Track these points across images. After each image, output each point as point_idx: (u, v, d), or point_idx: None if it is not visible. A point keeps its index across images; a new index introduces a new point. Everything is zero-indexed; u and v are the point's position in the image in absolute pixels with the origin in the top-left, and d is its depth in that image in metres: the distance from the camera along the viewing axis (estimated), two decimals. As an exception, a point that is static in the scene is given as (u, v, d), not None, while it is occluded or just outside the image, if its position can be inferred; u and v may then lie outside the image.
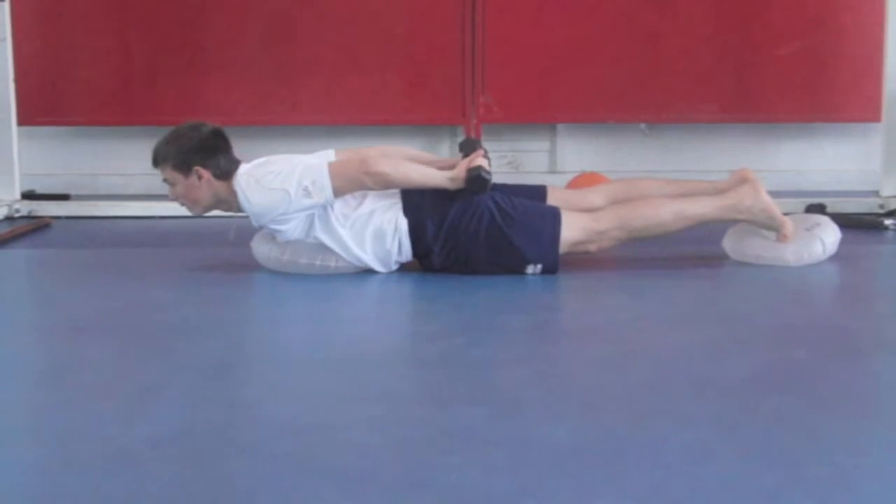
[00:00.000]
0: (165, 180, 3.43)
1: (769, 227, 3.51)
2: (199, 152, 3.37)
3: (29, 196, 5.11)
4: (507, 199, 3.41)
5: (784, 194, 4.64)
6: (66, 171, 5.54)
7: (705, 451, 1.82)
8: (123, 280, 3.45)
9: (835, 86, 5.42)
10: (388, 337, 2.84)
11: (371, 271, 3.42)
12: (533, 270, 3.37)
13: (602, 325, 2.86)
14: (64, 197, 5.22)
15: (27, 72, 5.10)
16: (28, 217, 4.89)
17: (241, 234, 3.61)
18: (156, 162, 3.41)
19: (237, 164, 3.42)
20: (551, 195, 3.56)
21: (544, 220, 3.37)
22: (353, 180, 3.31)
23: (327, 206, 3.33)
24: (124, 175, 5.53)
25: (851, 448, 1.85)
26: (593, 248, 3.44)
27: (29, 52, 5.16)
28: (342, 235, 3.36)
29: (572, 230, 3.38)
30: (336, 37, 5.35)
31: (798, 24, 5.39)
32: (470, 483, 1.68)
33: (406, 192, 3.42)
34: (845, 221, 3.89)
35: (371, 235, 3.38)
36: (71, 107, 5.40)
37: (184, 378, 2.32)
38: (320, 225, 3.36)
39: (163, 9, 5.35)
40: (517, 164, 5.65)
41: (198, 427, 1.97)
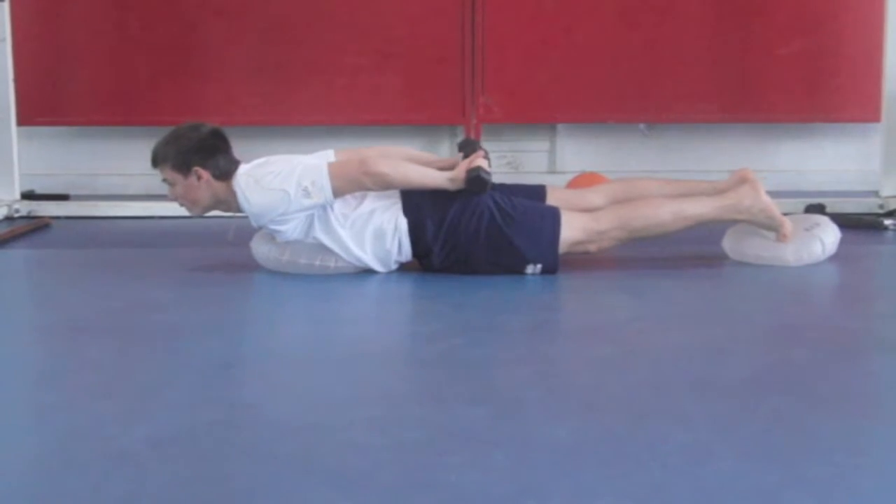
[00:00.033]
0: (165, 181, 3.44)
1: (769, 227, 3.51)
2: (199, 153, 3.38)
3: (28, 196, 5.11)
4: (507, 198, 3.41)
5: (784, 194, 4.65)
6: (66, 172, 5.54)
7: (705, 451, 1.82)
8: (123, 280, 3.45)
9: (835, 86, 5.43)
10: (387, 337, 2.84)
11: (371, 271, 3.42)
12: (533, 270, 3.37)
13: (602, 325, 2.86)
14: (63, 197, 5.22)
15: (27, 72, 5.10)
16: (28, 217, 4.89)
17: (240, 234, 3.61)
18: (155, 162, 3.41)
19: (236, 164, 3.42)
20: (551, 195, 3.56)
21: (544, 220, 3.37)
22: (353, 181, 3.31)
23: (327, 206, 3.33)
24: (124, 175, 5.54)
25: (851, 448, 1.85)
26: (593, 248, 3.44)
27: (29, 52, 5.16)
28: (342, 235, 3.36)
29: (572, 230, 3.38)
30: (336, 37, 5.35)
31: (798, 24, 5.39)
32: (470, 483, 1.68)
33: (406, 192, 3.42)
34: (845, 221, 3.89)
35: (371, 235, 3.38)
36: (70, 107, 5.41)
37: (184, 378, 2.32)
38: (320, 225, 3.36)
39: (162, 9, 5.35)
40: (517, 164, 5.65)
41: (198, 427, 1.97)
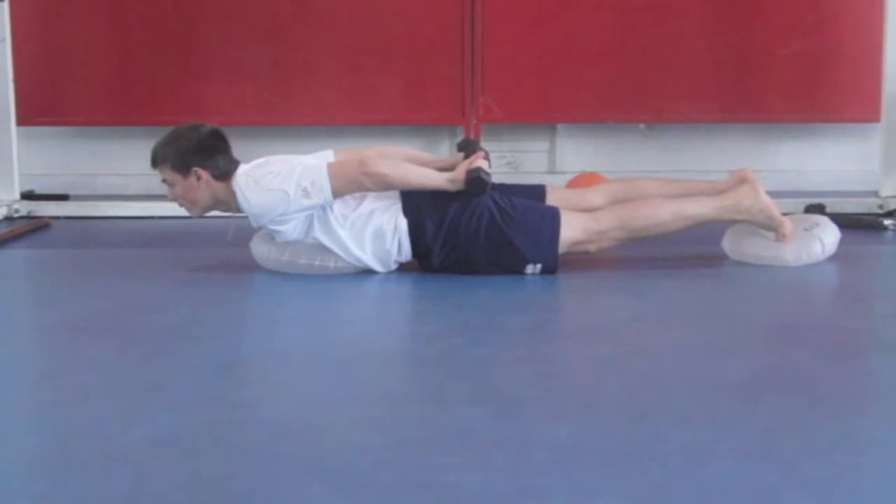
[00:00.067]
0: (164, 181, 3.43)
1: (768, 227, 3.51)
2: (198, 153, 3.37)
3: (28, 196, 5.11)
4: (507, 198, 3.41)
5: (783, 194, 4.65)
6: (66, 172, 5.54)
7: (705, 451, 1.82)
8: (123, 280, 3.45)
9: (834, 86, 5.42)
10: (387, 337, 2.84)
11: (370, 271, 3.42)
12: (532, 270, 3.37)
13: (602, 325, 2.86)
14: (63, 197, 5.22)
15: (26, 72, 5.10)
16: (27, 217, 4.88)
17: (240, 234, 3.61)
18: (154, 163, 3.41)
19: (236, 164, 3.42)
20: (550, 195, 3.56)
21: (544, 220, 3.37)
22: (352, 181, 3.31)
23: (326, 206, 3.33)
24: (123, 175, 5.53)
25: (851, 448, 1.85)
26: (593, 247, 3.44)
27: (28, 52, 5.16)
28: (341, 236, 3.36)
29: (572, 230, 3.38)
30: (336, 37, 5.35)
31: (798, 24, 5.39)
32: (470, 483, 1.68)
33: (406, 193, 3.41)
34: (844, 221, 3.89)
35: (371, 235, 3.38)
36: (70, 107, 5.40)
37: (184, 378, 2.32)
38: (319, 225, 3.36)
39: (162, 9, 5.35)
40: (516, 164, 5.65)
41: (198, 427, 1.97)
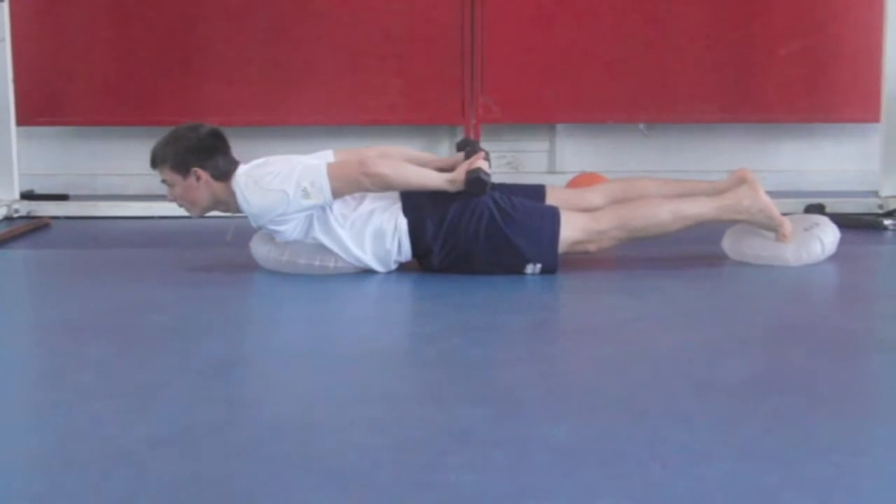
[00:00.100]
0: (164, 181, 3.43)
1: (768, 227, 3.51)
2: (198, 153, 3.37)
3: (28, 196, 5.11)
4: (507, 198, 3.41)
5: (783, 194, 4.64)
6: (65, 172, 5.54)
7: (705, 451, 1.82)
8: (123, 280, 3.45)
9: (834, 86, 5.42)
10: (387, 337, 2.84)
11: (370, 271, 3.42)
12: (532, 270, 3.37)
13: (602, 325, 2.86)
14: (63, 197, 5.22)
15: (26, 72, 5.10)
16: (27, 217, 4.88)
17: (239, 234, 3.61)
18: (154, 163, 3.41)
19: (236, 164, 3.41)
20: (550, 195, 3.56)
21: (544, 220, 3.37)
22: (352, 182, 3.31)
23: (326, 207, 3.33)
24: (123, 175, 5.53)
25: (851, 448, 1.85)
26: (593, 247, 3.44)
27: (28, 52, 5.15)
28: (341, 236, 3.36)
29: (572, 230, 3.38)
30: (336, 37, 5.35)
31: (798, 24, 5.39)
32: (469, 483, 1.68)
33: (406, 192, 3.41)
34: (844, 221, 3.89)
35: (371, 235, 3.38)
36: (70, 107, 5.40)
37: (183, 378, 2.32)
38: (319, 226, 3.36)
39: (162, 9, 5.35)
40: (516, 164, 5.64)
41: (197, 427, 1.97)
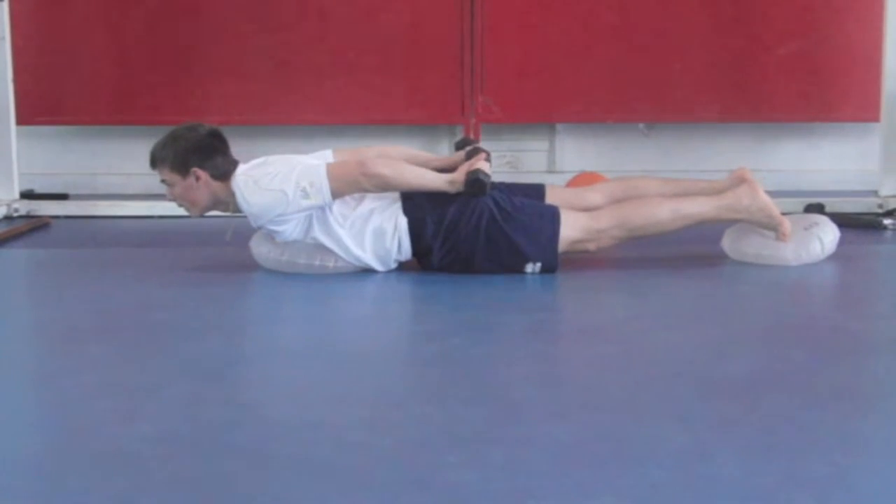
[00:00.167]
0: (163, 181, 3.43)
1: (767, 226, 3.51)
2: (197, 153, 3.37)
3: (28, 195, 5.11)
4: (507, 197, 3.41)
5: (783, 194, 4.65)
6: (65, 171, 5.54)
7: (705, 451, 1.82)
8: (123, 279, 3.45)
9: (834, 86, 5.43)
10: (387, 336, 2.84)
11: (370, 271, 3.42)
12: (532, 269, 3.37)
13: (602, 324, 2.86)
14: (63, 196, 5.22)
15: (26, 71, 5.10)
16: (27, 217, 4.88)
17: (239, 234, 3.60)
18: (153, 163, 3.41)
19: (235, 164, 3.41)
20: (550, 194, 3.56)
21: (543, 219, 3.37)
22: (351, 182, 3.30)
23: (325, 207, 3.33)
24: (123, 174, 5.54)
25: (851, 447, 1.85)
26: (592, 246, 3.44)
27: (28, 51, 5.16)
28: (341, 235, 3.36)
29: (571, 229, 3.38)
30: (335, 37, 5.35)
31: (798, 24, 5.39)
32: (469, 483, 1.68)
33: (406, 192, 3.41)
34: (844, 221, 3.90)
35: (371, 234, 3.37)
36: (70, 106, 5.40)
37: (183, 377, 2.32)
38: (319, 225, 3.36)
39: (162, 8, 5.35)
40: (516, 163, 5.65)
41: (197, 426, 1.97)
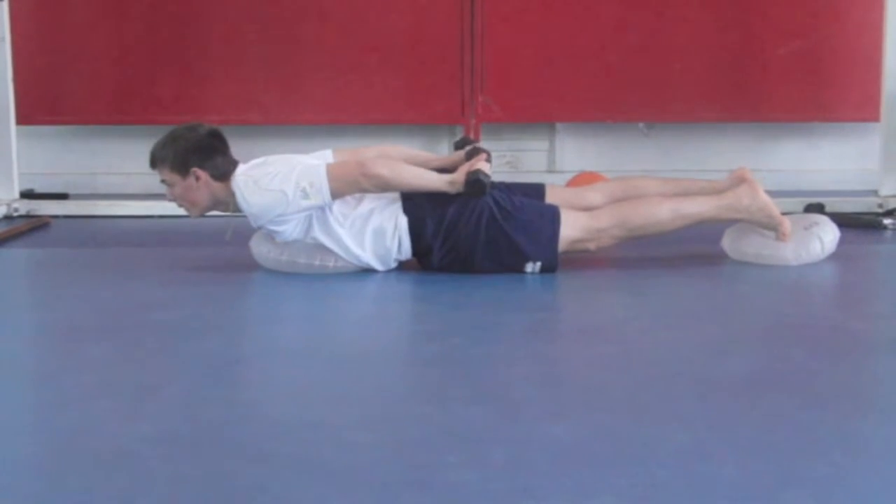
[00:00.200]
0: (163, 182, 3.43)
1: (767, 226, 3.51)
2: (197, 153, 3.37)
3: (28, 195, 5.11)
4: (507, 197, 3.41)
5: (783, 194, 4.65)
6: (65, 171, 5.54)
7: (705, 451, 1.82)
8: (123, 279, 3.45)
9: (834, 85, 5.43)
10: (387, 336, 2.83)
11: (370, 270, 3.42)
12: (532, 269, 3.37)
13: (601, 324, 2.86)
14: (63, 196, 5.22)
15: (26, 71, 5.10)
16: (27, 216, 4.89)
17: (239, 234, 3.60)
18: (153, 164, 3.41)
19: (235, 164, 3.41)
20: (550, 194, 3.56)
21: (544, 219, 3.37)
22: (351, 182, 3.30)
23: (325, 207, 3.33)
24: (123, 174, 5.54)
25: (851, 447, 1.85)
26: (592, 246, 3.44)
27: (28, 51, 5.16)
28: (341, 235, 3.36)
29: (571, 228, 3.38)
30: (335, 36, 5.35)
31: (798, 24, 5.39)
32: (468, 482, 1.68)
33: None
34: (844, 221, 3.90)
35: (371, 233, 3.37)
36: (70, 106, 5.41)
37: (183, 377, 2.32)
38: (318, 225, 3.35)
39: (161, 8, 5.35)
40: (516, 163, 5.65)
41: (197, 426, 1.97)
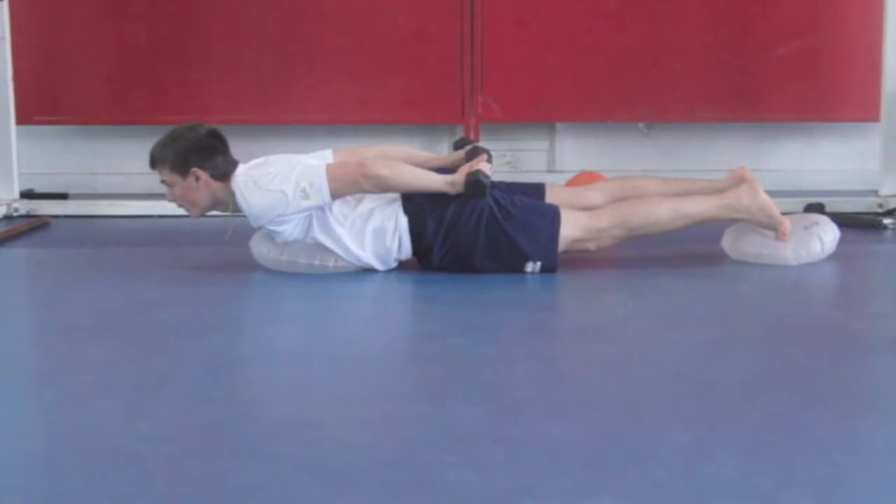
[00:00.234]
0: (163, 182, 3.43)
1: (767, 226, 3.51)
2: (197, 153, 3.37)
3: (28, 195, 5.11)
4: (507, 196, 3.41)
5: (783, 194, 4.65)
6: (65, 170, 5.54)
7: (705, 451, 1.82)
8: (123, 279, 3.45)
9: (833, 85, 5.43)
10: (387, 336, 2.84)
11: (370, 270, 3.41)
12: (532, 268, 3.37)
13: (602, 324, 2.86)
14: (63, 196, 5.22)
15: (26, 71, 5.10)
16: (27, 216, 4.89)
17: (239, 234, 3.60)
18: (153, 164, 3.40)
19: (235, 164, 3.41)
20: (550, 193, 3.56)
21: (544, 218, 3.37)
22: (351, 183, 3.30)
23: (325, 207, 3.33)
24: (123, 174, 5.54)
25: (851, 447, 1.85)
26: (592, 246, 3.44)
27: (28, 51, 5.16)
28: (341, 235, 3.36)
29: (571, 228, 3.38)
30: (336, 36, 5.35)
31: (797, 24, 5.39)
32: (469, 482, 1.68)
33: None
34: (844, 220, 3.90)
35: (371, 233, 3.37)
36: (70, 106, 5.41)
37: (183, 377, 2.32)
38: (318, 225, 3.35)
39: (161, 8, 5.35)
40: (516, 163, 5.65)
41: (197, 425, 1.97)
